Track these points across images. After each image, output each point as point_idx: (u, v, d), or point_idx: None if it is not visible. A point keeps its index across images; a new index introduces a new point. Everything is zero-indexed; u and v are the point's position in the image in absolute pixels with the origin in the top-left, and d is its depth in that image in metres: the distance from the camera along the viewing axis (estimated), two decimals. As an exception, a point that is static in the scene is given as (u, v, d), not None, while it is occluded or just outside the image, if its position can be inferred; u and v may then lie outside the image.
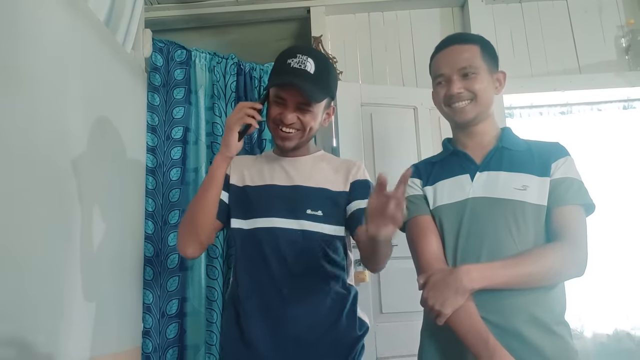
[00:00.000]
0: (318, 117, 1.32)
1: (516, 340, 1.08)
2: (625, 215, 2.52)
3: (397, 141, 2.33)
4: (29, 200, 1.22)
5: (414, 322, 1.34)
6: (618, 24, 2.62)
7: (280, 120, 1.29)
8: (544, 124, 2.66)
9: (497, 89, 1.28)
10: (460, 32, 1.25)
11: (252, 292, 1.30)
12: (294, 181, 1.34)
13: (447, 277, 1.07)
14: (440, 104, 1.29)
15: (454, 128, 1.32)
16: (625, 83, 2.50)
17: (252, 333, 1.27)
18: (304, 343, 1.26)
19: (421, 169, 1.33)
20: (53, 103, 1.35)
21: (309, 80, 1.26)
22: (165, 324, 1.99)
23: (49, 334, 1.29)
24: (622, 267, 2.51)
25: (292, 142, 1.32)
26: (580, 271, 1.11)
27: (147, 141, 2.07)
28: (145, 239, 2.00)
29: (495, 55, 1.29)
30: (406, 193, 1.30)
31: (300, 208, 1.30)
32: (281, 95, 1.29)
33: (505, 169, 1.20)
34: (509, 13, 2.66)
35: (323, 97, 1.30)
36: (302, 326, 1.26)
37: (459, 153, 1.28)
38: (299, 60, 1.27)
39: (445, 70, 1.25)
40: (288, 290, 1.27)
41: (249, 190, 1.36)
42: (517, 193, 1.16)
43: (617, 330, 2.51)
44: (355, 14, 2.69)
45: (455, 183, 1.24)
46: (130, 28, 1.91)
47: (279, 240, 1.29)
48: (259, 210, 1.33)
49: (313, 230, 1.30)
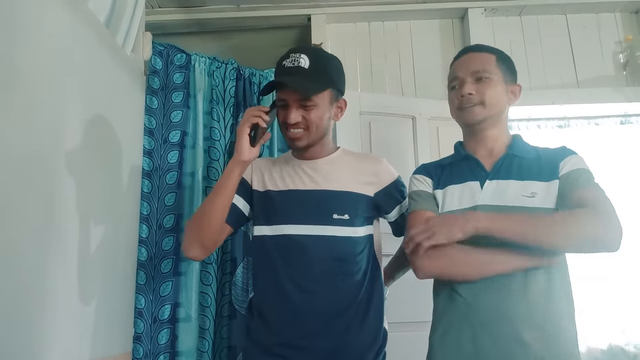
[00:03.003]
0: (324, 112, 1.29)
1: (518, 347, 1.07)
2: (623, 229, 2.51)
3: (395, 150, 2.32)
4: (22, 201, 1.20)
5: (423, 333, 1.31)
6: (616, 40, 2.64)
7: (286, 121, 1.28)
8: (542, 137, 2.67)
9: (510, 99, 1.29)
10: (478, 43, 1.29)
11: (277, 301, 1.27)
12: (317, 185, 1.32)
13: (450, 216, 1.08)
14: (454, 109, 1.29)
15: (465, 134, 1.33)
16: (622, 98, 2.52)
17: (279, 340, 1.25)
18: (331, 353, 1.23)
19: (431, 169, 1.33)
20: (50, 103, 1.34)
21: (303, 75, 1.24)
22: (157, 330, 1.96)
23: (39, 338, 1.27)
24: (617, 281, 2.50)
25: (302, 141, 1.30)
26: (615, 243, 1.06)
27: (144, 144, 2.05)
28: (139, 243, 1.98)
29: (512, 68, 1.31)
30: (415, 187, 1.31)
31: (326, 213, 1.28)
32: (281, 97, 1.28)
33: (515, 177, 1.20)
34: (509, 26, 2.68)
35: (320, 88, 1.27)
36: (332, 338, 1.23)
37: (471, 158, 1.28)
38: (292, 59, 1.26)
39: (460, 74, 1.27)
40: (316, 298, 1.25)
41: (272, 195, 1.34)
42: (525, 200, 1.16)
43: (612, 345, 2.50)
44: (355, 23, 2.70)
45: (464, 189, 1.24)
46: (130, 30, 1.91)
47: (307, 247, 1.27)
48: (284, 216, 1.30)
49: (341, 235, 1.27)
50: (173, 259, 2.02)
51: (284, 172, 1.36)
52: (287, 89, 1.26)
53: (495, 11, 2.64)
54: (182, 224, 2.06)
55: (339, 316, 1.24)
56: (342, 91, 1.37)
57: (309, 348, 1.23)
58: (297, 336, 1.24)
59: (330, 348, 1.23)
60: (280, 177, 1.36)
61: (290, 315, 1.25)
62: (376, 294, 1.31)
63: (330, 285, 1.25)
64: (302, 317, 1.24)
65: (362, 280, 1.29)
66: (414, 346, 1.39)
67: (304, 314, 1.24)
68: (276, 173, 1.37)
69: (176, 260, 2.02)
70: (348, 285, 1.27)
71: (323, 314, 1.24)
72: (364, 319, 1.27)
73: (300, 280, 1.26)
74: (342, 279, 1.26)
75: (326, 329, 1.23)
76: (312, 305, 1.24)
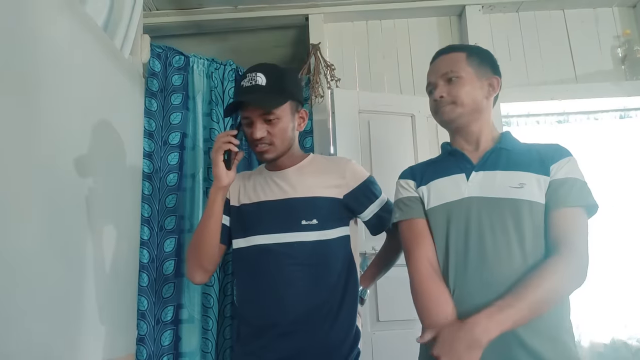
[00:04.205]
0: (287, 123, 1.35)
1: (519, 348, 1.07)
2: (623, 224, 2.52)
3: (394, 149, 2.33)
4: (24, 205, 1.21)
5: (411, 331, 1.33)
6: (614, 34, 2.64)
7: (252, 138, 1.33)
8: (541, 133, 2.67)
9: (489, 92, 1.28)
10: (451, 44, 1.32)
11: (254, 308, 1.33)
12: (285, 194, 1.37)
13: (457, 332, 1.02)
14: (432, 112, 1.33)
15: (450, 134, 1.34)
16: (621, 92, 2.52)
17: (256, 347, 1.30)
18: (303, 353, 1.25)
19: (416, 170, 1.35)
20: (50, 107, 1.34)
21: (261, 92, 1.30)
22: (160, 331, 1.97)
23: (42, 340, 1.27)
24: (620, 276, 2.51)
25: (271, 154, 1.36)
26: (582, 281, 1.09)
27: (144, 146, 2.06)
28: (140, 245, 1.98)
29: (488, 61, 1.31)
30: (400, 195, 1.32)
31: (294, 220, 1.33)
32: (245, 115, 1.34)
33: (502, 167, 1.20)
34: (506, 22, 2.68)
35: (280, 102, 1.32)
36: (303, 339, 1.26)
37: (456, 153, 1.29)
38: (249, 79, 1.32)
39: (432, 79, 1.31)
40: (289, 302, 1.28)
41: (244, 208, 1.41)
42: (513, 191, 1.15)
43: (615, 339, 2.50)
44: (353, 22, 2.71)
45: (450, 182, 1.24)
46: (128, 33, 1.91)
47: (277, 255, 1.31)
48: (255, 227, 1.37)
49: (310, 240, 1.30)
50: (175, 261, 2.03)
51: (257, 184, 1.44)
52: (248, 106, 1.32)
53: (493, 8, 2.64)
54: (183, 225, 2.07)
55: (310, 316, 1.28)
56: (301, 102, 1.44)
57: (278, 349, 1.28)
58: (270, 339, 1.29)
59: (300, 347, 1.27)
60: (253, 190, 1.43)
61: (266, 320, 1.30)
62: (349, 293, 1.35)
63: (302, 289, 1.30)
64: (276, 320, 1.29)
65: (335, 281, 1.33)
66: (405, 344, 1.39)
67: (278, 318, 1.29)
68: (250, 186, 1.44)
69: (178, 262, 2.03)
70: (320, 287, 1.31)
71: (295, 316, 1.28)
72: (335, 318, 1.30)
73: (273, 287, 1.31)
74: (314, 283, 1.30)
75: (298, 329, 1.28)
76: (285, 310, 1.29)
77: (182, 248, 2.05)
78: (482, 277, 1.12)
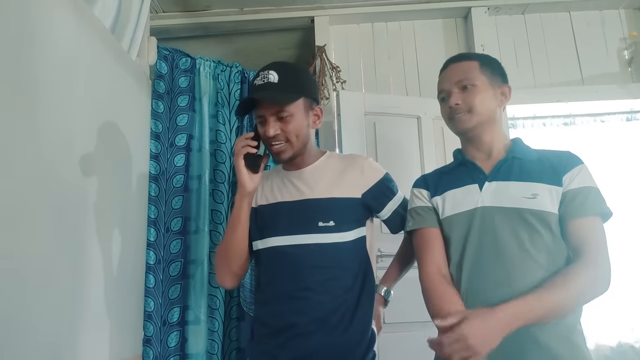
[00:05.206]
0: (301, 121, 1.33)
1: (532, 344, 1.07)
2: (630, 227, 2.51)
3: (400, 150, 2.33)
4: (32, 207, 1.22)
5: (418, 333, 1.33)
6: (621, 36, 2.63)
7: (266, 136, 1.31)
8: (547, 135, 2.67)
9: (501, 101, 1.29)
10: (461, 52, 1.33)
11: (271, 310, 1.31)
12: (302, 195, 1.35)
13: (487, 313, 1.01)
14: (446, 119, 1.33)
15: (462, 142, 1.34)
16: (628, 95, 2.51)
17: (271, 346, 1.29)
18: (318, 354, 1.25)
19: (429, 179, 1.35)
20: (58, 109, 1.35)
21: (273, 89, 1.28)
22: (166, 332, 1.97)
23: (49, 340, 1.28)
24: (627, 279, 2.49)
25: (286, 153, 1.33)
26: (607, 288, 1.09)
27: (151, 148, 2.07)
28: (147, 246, 1.99)
29: (499, 70, 1.31)
30: (413, 204, 1.32)
31: (310, 221, 1.31)
32: (259, 114, 1.32)
33: (515, 178, 1.20)
34: (512, 24, 2.68)
35: (293, 97, 1.30)
36: (319, 339, 1.26)
37: (468, 163, 1.29)
38: (261, 77, 1.31)
39: (445, 86, 1.31)
40: (306, 304, 1.27)
41: (261, 209, 1.39)
42: (526, 202, 1.15)
43: (621, 342, 2.49)
44: (359, 24, 2.71)
45: (464, 193, 1.24)
46: (135, 36, 1.92)
47: (294, 257, 1.30)
48: (271, 229, 1.35)
49: (327, 242, 1.29)
50: (181, 262, 2.04)
51: (274, 185, 1.41)
52: (261, 104, 1.30)
53: (499, 10, 2.63)
54: (189, 226, 2.08)
55: (327, 318, 1.27)
56: (316, 99, 1.41)
57: (294, 349, 1.27)
58: (286, 339, 1.27)
59: (316, 348, 1.26)
60: (270, 191, 1.41)
61: (283, 321, 1.29)
62: (365, 294, 1.33)
63: (319, 291, 1.28)
64: (293, 322, 1.28)
65: (352, 283, 1.31)
66: (411, 346, 1.39)
67: (294, 319, 1.27)
68: (267, 187, 1.42)
69: (184, 263, 2.04)
70: (337, 289, 1.29)
71: (312, 317, 1.27)
72: (351, 320, 1.29)
73: (290, 289, 1.29)
74: (331, 285, 1.29)
75: (314, 330, 1.26)
76: (301, 312, 1.27)
77: (189, 249, 2.06)
78: (497, 284, 1.12)
